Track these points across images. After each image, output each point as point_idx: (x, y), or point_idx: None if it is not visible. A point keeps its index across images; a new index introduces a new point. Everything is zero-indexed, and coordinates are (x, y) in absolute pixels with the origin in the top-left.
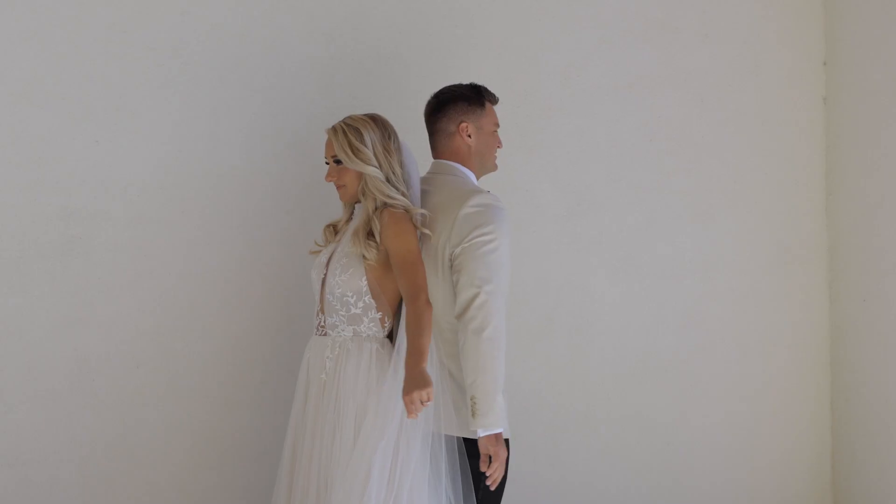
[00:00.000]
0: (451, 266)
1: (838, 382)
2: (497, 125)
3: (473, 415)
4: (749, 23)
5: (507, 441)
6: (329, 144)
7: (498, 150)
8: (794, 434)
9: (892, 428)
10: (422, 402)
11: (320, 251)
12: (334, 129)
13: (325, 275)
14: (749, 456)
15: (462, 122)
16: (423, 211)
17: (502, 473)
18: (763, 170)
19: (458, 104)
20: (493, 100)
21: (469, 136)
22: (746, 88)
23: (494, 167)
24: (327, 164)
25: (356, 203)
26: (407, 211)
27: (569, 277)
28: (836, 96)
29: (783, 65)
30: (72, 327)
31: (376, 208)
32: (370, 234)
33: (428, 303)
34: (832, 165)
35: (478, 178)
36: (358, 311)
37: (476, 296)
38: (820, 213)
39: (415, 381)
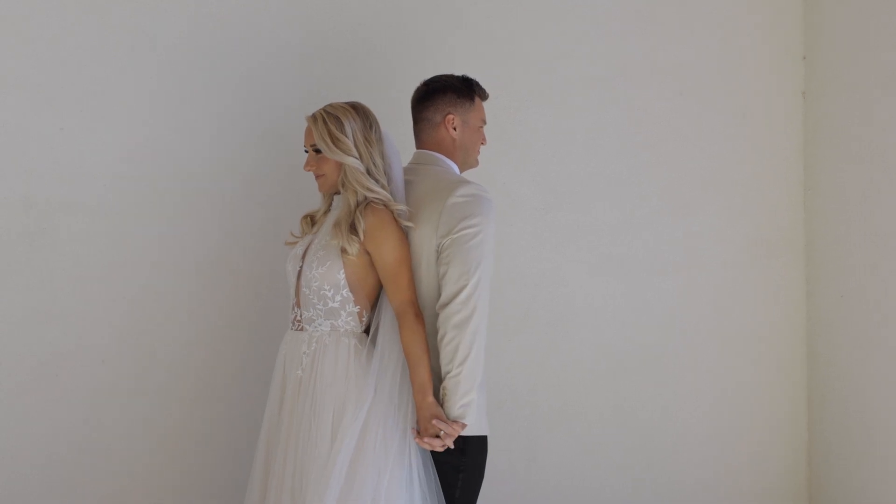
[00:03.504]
0: (438, 257)
1: (815, 378)
2: (484, 122)
3: (442, 405)
4: (729, 17)
5: (485, 439)
6: (308, 132)
7: (482, 146)
8: (772, 429)
9: (868, 423)
10: (438, 436)
11: (296, 242)
12: (314, 116)
13: (301, 267)
14: (727, 451)
15: (449, 113)
16: (403, 207)
17: (438, 449)
18: (742, 164)
19: (447, 95)
20: (484, 95)
21: (454, 128)
22: (726, 83)
23: (476, 163)
24: (306, 152)
25: (335, 193)
26: (386, 206)
27: (546, 272)
28: (815, 91)
29: (762, 59)
30: (37, 321)
31: (358, 203)
32: (352, 228)
33: (418, 315)
34: (811, 160)
35: (460, 172)
36: (336, 304)
37: (463, 289)
38: (798, 208)
39: (427, 418)
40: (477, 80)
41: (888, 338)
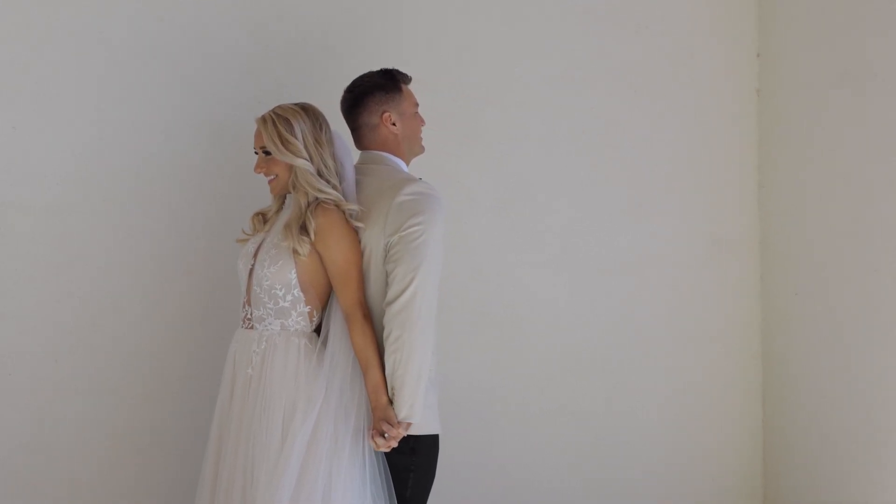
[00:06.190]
0: (386, 256)
1: (769, 376)
2: (417, 105)
3: (391, 405)
4: (683, 14)
5: (436, 438)
6: (258, 134)
7: (423, 128)
8: (726, 427)
9: (822, 421)
10: (384, 436)
11: (248, 240)
12: (264, 118)
13: (253, 265)
14: (682, 449)
15: (384, 111)
16: (354, 207)
17: (384, 449)
18: (696, 162)
19: (375, 95)
20: (407, 80)
21: (394, 124)
22: (680, 80)
23: (422, 149)
24: (256, 153)
25: (286, 193)
26: (338, 206)
27: (502, 270)
28: (769, 88)
29: (717, 57)
30: None
31: (309, 203)
32: (303, 229)
33: (367, 316)
34: (764, 158)
35: (408, 164)
36: (286, 304)
37: (407, 287)
38: (752, 206)
39: (378, 418)
40: (430, 77)
41: (842, 335)
